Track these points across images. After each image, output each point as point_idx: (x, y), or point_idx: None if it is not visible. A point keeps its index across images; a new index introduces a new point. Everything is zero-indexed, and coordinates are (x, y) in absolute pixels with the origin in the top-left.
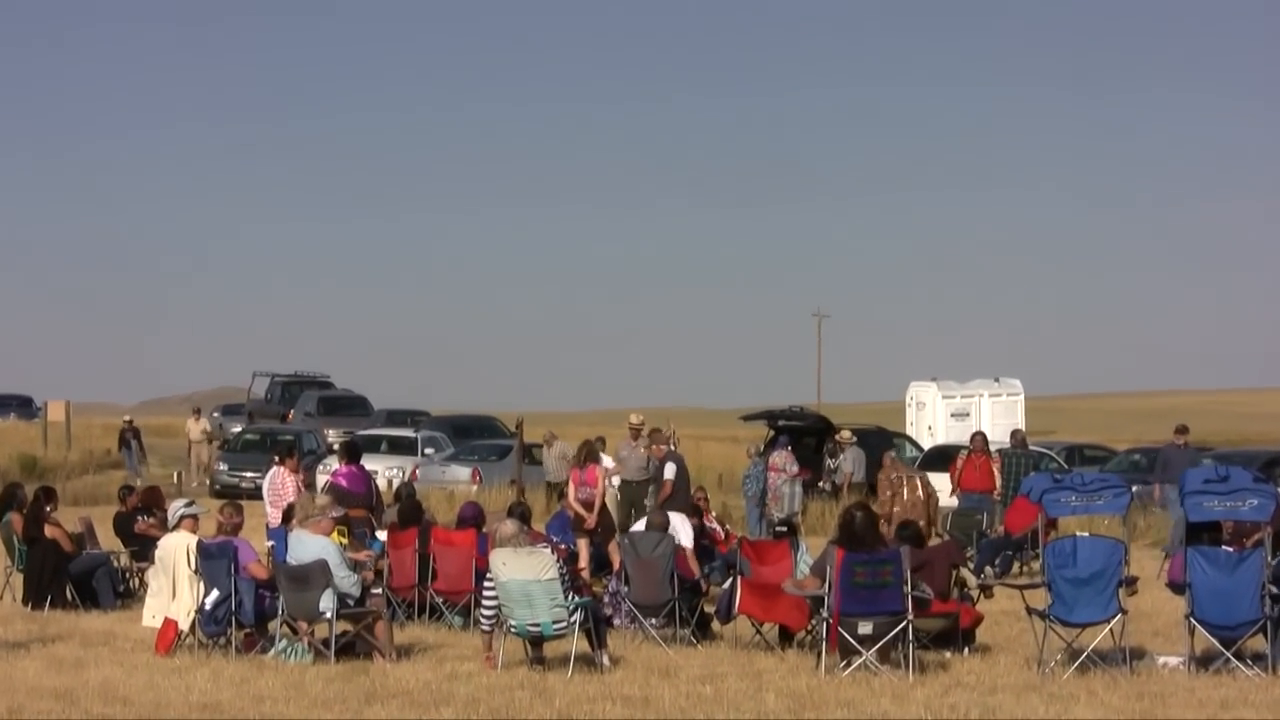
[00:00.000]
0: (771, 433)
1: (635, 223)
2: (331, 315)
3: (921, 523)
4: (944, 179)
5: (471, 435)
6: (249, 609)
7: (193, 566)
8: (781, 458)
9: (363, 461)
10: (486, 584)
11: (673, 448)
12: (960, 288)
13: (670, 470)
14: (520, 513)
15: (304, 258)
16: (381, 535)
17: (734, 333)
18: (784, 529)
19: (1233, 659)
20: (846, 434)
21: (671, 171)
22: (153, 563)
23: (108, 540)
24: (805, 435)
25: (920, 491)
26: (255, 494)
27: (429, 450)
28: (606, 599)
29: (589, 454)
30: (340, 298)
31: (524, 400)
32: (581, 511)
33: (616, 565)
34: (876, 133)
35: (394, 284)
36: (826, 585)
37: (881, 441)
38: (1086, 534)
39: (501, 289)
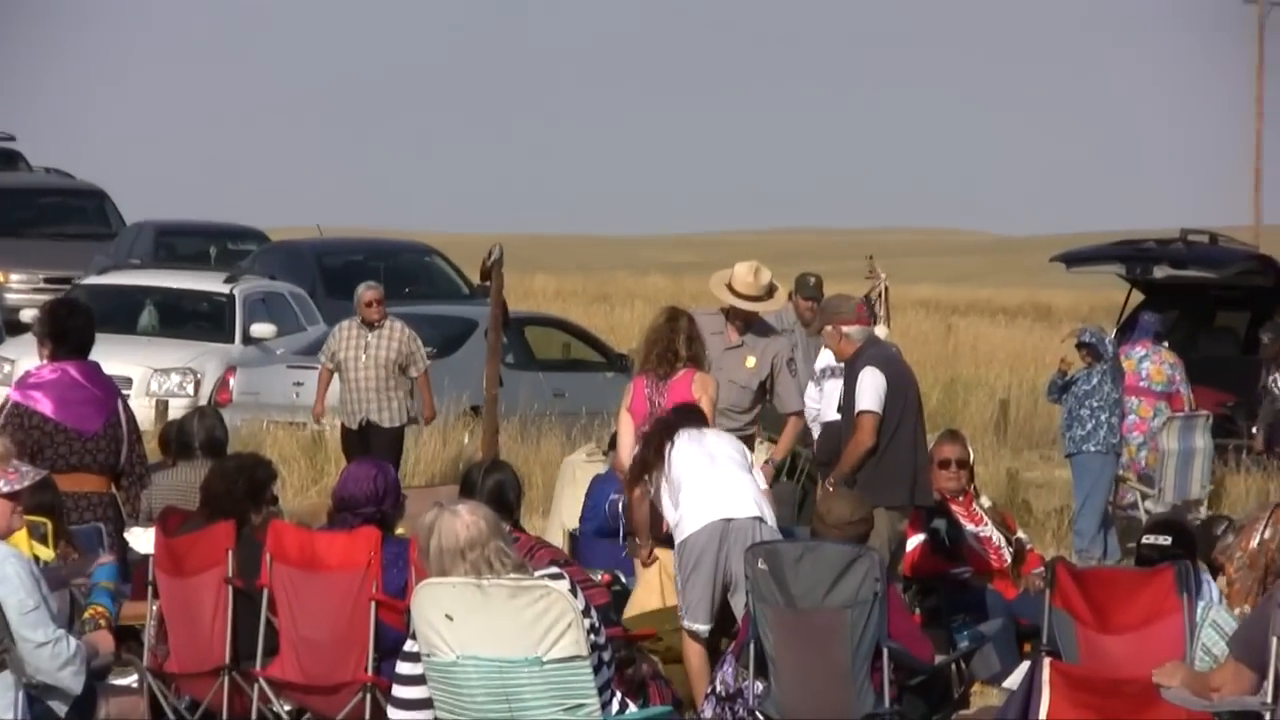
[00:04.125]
0: (1132, 296)
1: None
2: None
3: None
4: None
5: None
6: None
7: None
8: (1152, 361)
9: (97, 356)
10: (404, 666)
11: (883, 331)
12: None
13: (872, 385)
14: (496, 485)
15: None
16: (138, 539)
17: (1042, 62)
18: (1164, 540)
19: None
20: None
21: None
22: None
23: None
24: (1218, 306)
25: None
26: None
27: (261, 329)
28: (710, 712)
29: (685, 344)
30: None
31: (504, 213)
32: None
33: (740, 626)
34: None
35: None
36: (1270, 686)
37: None
38: None
39: None
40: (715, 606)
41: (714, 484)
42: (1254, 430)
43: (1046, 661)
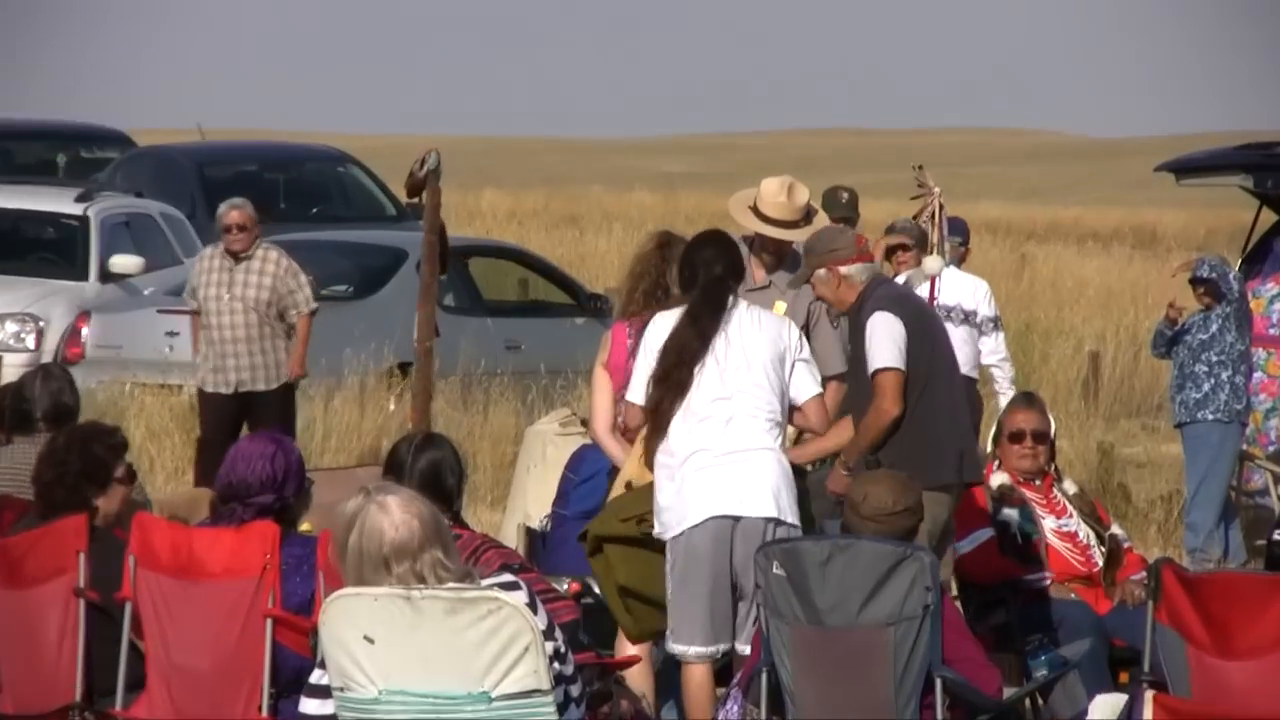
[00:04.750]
0: (1262, 216)
1: None
2: None
3: None
4: None
5: (267, 201)
6: None
7: None
8: None
9: None
10: (310, 703)
11: (937, 264)
12: None
13: (886, 335)
14: (430, 466)
15: None
16: None
17: None
18: None
19: None
20: None
21: None
22: None
23: None
24: None
25: None
26: None
27: (123, 262)
28: None
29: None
30: None
31: (442, 110)
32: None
33: (747, 652)
34: None
35: None
36: None
37: None
38: None
39: None
40: (723, 623)
41: (722, 462)
42: None
43: (1149, 695)
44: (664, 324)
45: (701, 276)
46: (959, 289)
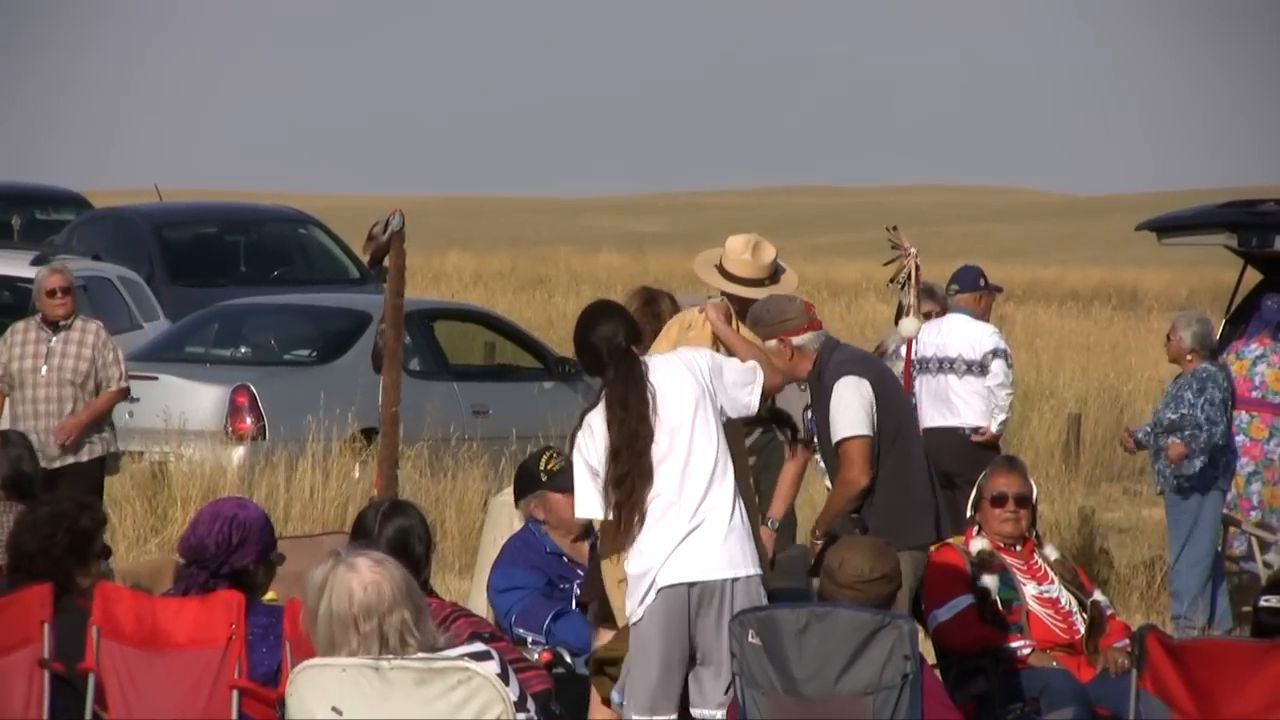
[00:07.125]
0: (1247, 275)
1: None
2: None
3: None
4: None
5: (227, 264)
6: None
7: None
8: (1271, 364)
9: None
10: None
11: (914, 326)
12: None
13: (854, 400)
14: (398, 534)
15: None
16: None
17: None
18: None
19: None
20: None
21: None
22: None
23: None
24: None
25: None
26: None
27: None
28: None
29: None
30: None
31: (405, 169)
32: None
33: (720, 718)
34: None
35: None
36: None
37: None
38: None
39: None
40: (673, 692)
41: (676, 521)
42: None
43: None
44: (597, 425)
45: (606, 355)
46: (966, 337)
